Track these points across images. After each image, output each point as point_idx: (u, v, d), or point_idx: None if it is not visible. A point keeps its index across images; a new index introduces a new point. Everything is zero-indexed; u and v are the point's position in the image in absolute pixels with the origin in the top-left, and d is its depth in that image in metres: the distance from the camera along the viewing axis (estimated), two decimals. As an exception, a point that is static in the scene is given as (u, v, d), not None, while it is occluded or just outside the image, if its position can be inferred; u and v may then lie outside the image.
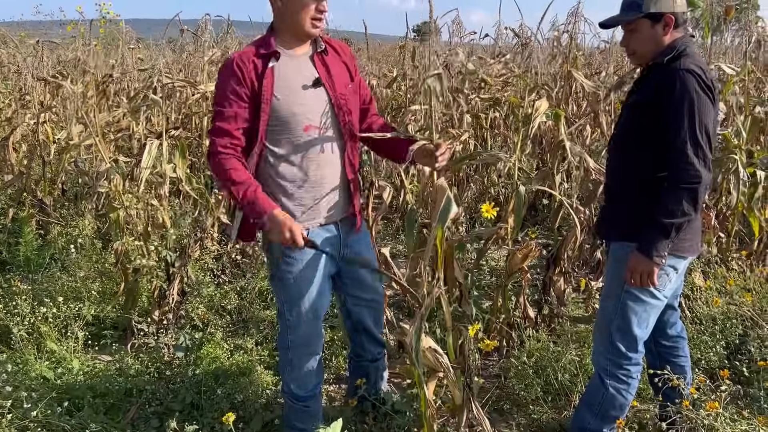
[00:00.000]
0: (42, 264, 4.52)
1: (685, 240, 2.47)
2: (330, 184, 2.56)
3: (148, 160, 3.63)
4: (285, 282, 2.58)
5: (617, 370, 2.59)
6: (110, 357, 3.65)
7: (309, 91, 2.47)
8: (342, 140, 2.56)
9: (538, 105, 3.50)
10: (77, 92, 5.05)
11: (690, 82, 2.31)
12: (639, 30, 2.48)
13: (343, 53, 2.66)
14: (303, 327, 2.63)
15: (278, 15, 2.48)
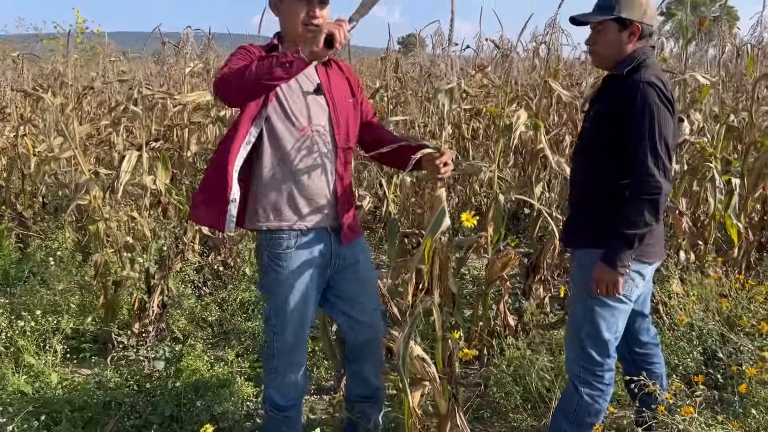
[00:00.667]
0: (21, 277, 4.49)
1: (649, 245, 2.51)
2: (319, 190, 2.55)
3: (127, 167, 3.63)
4: (273, 289, 2.58)
5: (590, 377, 2.60)
6: (89, 370, 3.63)
7: (310, 97, 2.51)
8: (335, 150, 2.57)
9: (517, 116, 3.54)
10: (57, 104, 5.03)
11: (650, 94, 2.36)
12: (606, 31, 2.54)
13: (347, 70, 2.72)
14: (288, 335, 2.61)
15: (280, 25, 2.55)
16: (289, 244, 2.53)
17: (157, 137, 4.46)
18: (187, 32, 4.53)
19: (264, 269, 2.61)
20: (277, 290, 2.57)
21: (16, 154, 5.28)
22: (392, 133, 2.83)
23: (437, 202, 2.50)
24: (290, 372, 2.68)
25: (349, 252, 2.68)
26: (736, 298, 3.60)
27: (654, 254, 2.57)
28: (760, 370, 2.70)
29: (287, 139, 2.46)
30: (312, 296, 2.63)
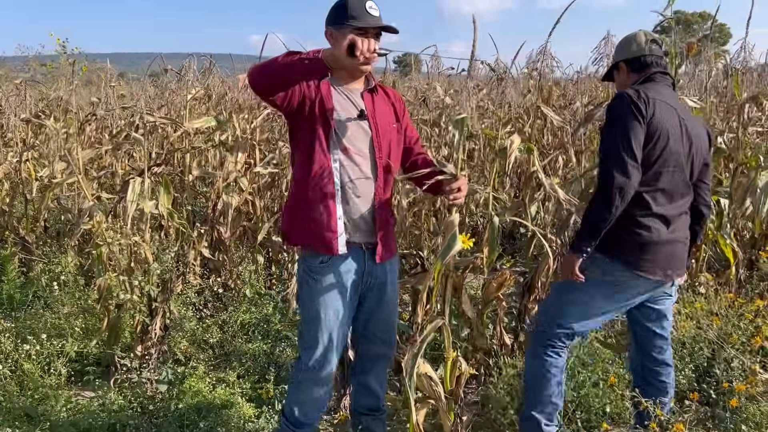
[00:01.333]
0: (25, 301, 4.56)
1: (645, 260, 2.68)
2: (361, 208, 2.66)
3: (132, 196, 3.71)
4: (306, 302, 2.70)
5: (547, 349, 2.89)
6: (93, 393, 3.68)
7: (354, 121, 2.63)
8: (376, 172, 2.67)
9: (511, 140, 3.63)
10: (60, 130, 5.13)
11: (619, 102, 2.64)
12: (614, 78, 2.96)
13: (393, 96, 2.84)
14: (317, 351, 2.69)
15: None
16: (323, 260, 2.64)
17: (159, 162, 4.55)
18: (189, 60, 4.64)
19: (300, 282, 2.74)
20: (309, 304, 2.68)
21: (18, 179, 5.36)
22: (427, 158, 2.92)
23: (449, 227, 2.62)
24: (314, 389, 2.76)
25: (380, 271, 2.79)
26: (726, 315, 3.68)
27: (649, 270, 2.69)
28: (749, 385, 2.77)
29: (329, 162, 2.57)
30: (344, 314, 2.72)
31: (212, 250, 4.84)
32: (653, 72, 2.79)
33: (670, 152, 2.65)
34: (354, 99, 2.66)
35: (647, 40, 2.83)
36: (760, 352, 3.30)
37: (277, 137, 5.34)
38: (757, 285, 4.27)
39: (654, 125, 2.60)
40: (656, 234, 2.67)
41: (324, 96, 2.57)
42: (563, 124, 4.03)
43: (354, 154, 2.61)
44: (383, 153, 2.68)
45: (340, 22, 2.54)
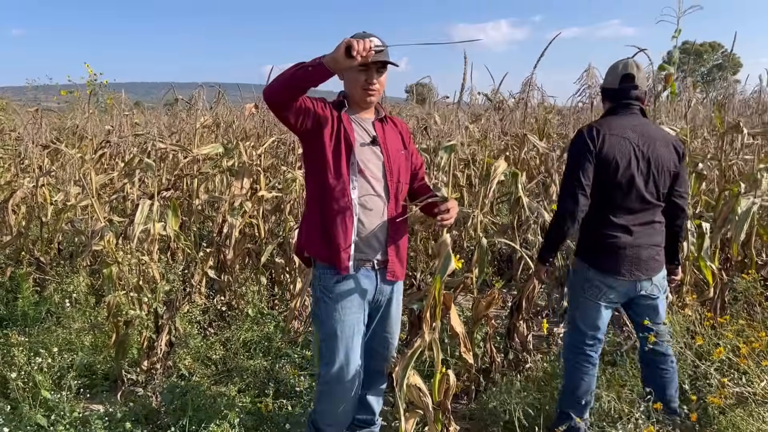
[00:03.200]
0: (38, 318, 4.76)
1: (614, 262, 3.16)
2: (373, 229, 2.83)
3: (140, 218, 3.92)
4: (323, 319, 2.85)
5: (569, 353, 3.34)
6: (101, 405, 3.86)
7: (367, 147, 2.84)
8: (388, 194, 2.87)
9: (496, 166, 3.83)
10: (75, 157, 5.38)
11: (576, 139, 3.13)
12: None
13: (400, 125, 3.08)
14: (335, 366, 2.84)
15: (345, 86, 2.90)
16: (338, 278, 2.81)
17: (168, 186, 4.78)
18: (198, 90, 4.88)
19: (315, 299, 2.91)
20: (326, 321, 2.84)
21: (35, 203, 5.61)
22: (427, 185, 3.18)
23: (443, 247, 2.81)
24: (333, 402, 2.92)
25: (389, 290, 2.97)
26: (708, 335, 3.81)
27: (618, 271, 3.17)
28: (720, 397, 2.91)
29: (348, 183, 2.76)
30: (358, 330, 2.88)
31: (218, 271, 5.04)
32: (621, 102, 3.15)
33: (623, 176, 3.06)
34: (366, 127, 2.88)
35: (621, 73, 3.09)
36: (739, 369, 3.42)
37: (282, 163, 5.56)
38: (743, 307, 4.39)
39: (603, 156, 3.05)
40: (620, 241, 3.13)
41: (345, 123, 2.78)
42: (547, 150, 4.22)
43: (369, 177, 2.81)
44: (394, 176, 2.88)
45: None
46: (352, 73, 2.77)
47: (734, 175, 5.19)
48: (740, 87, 7.29)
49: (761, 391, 2.78)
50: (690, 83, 4.43)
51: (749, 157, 5.08)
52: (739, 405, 2.88)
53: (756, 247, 4.56)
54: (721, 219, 4.11)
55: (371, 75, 2.78)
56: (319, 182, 2.80)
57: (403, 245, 3.01)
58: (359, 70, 2.74)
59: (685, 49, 32.65)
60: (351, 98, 2.87)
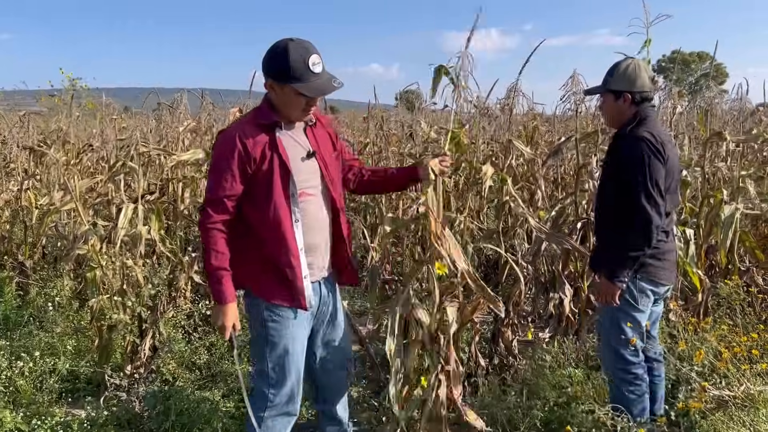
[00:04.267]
0: (20, 322, 4.72)
1: (662, 269, 3.11)
2: (318, 246, 2.75)
3: (124, 222, 3.90)
4: (273, 340, 2.69)
5: (627, 375, 3.15)
6: (83, 410, 3.82)
7: (305, 162, 2.69)
8: (330, 205, 2.80)
9: (485, 171, 3.84)
10: (60, 161, 5.35)
11: (642, 146, 2.94)
12: (606, 101, 3.20)
13: (326, 123, 2.90)
14: (286, 386, 2.75)
15: (273, 99, 2.65)
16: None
17: (152, 190, 4.75)
18: (180, 94, 4.87)
19: (261, 323, 2.70)
20: (277, 341, 2.69)
21: (19, 206, 5.57)
22: (372, 168, 3.15)
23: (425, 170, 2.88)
24: (281, 423, 2.82)
25: (331, 299, 2.91)
26: (691, 340, 3.84)
27: (665, 278, 3.15)
28: (701, 401, 2.93)
29: (292, 209, 2.62)
30: (304, 347, 2.81)
31: (203, 276, 5.01)
32: (650, 106, 3.14)
33: (674, 181, 3.09)
34: (300, 140, 2.70)
35: (650, 77, 3.15)
36: (720, 373, 3.44)
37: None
38: (725, 312, 4.42)
39: (668, 164, 3.00)
40: (667, 246, 3.13)
41: (279, 148, 2.58)
42: (533, 156, 4.25)
43: (310, 197, 2.69)
44: (335, 185, 2.79)
45: (282, 81, 2.53)
46: (290, 96, 2.56)
47: (719, 182, 5.23)
48: (727, 96, 7.38)
49: (741, 394, 2.80)
50: (675, 92, 4.48)
51: (732, 164, 5.14)
52: (719, 409, 2.90)
53: (739, 254, 4.59)
54: (707, 226, 4.14)
55: (314, 99, 2.61)
56: (256, 218, 2.63)
57: (349, 246, 2.94)
58: (300, 94, 2.54)
59: (673, 58, 32.90)
60: (283, 115, 2.65)
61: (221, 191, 2.55)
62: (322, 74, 2.54)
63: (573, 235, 4.13)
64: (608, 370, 3.30)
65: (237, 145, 2.53)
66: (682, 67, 48.71)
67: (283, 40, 2.53)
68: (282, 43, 2.52)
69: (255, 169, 2.57)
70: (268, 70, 2.56)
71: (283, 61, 2.48)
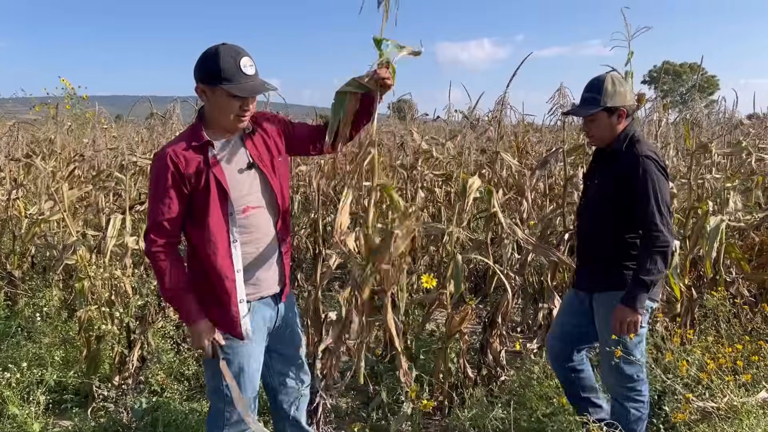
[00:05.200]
0: (8, 333, 4.70)
1: (659, 287, 3.14)
2: (269, 260, 2.65)
3: (113, 232, 3.90)
4: (225, 357, 2.60)
5: (633, 393, 3.11)
6: (70, 421, 3.80)
7: (244, 174, 2.55)
8: (276, 217, 2.67)
9: (471, 183, 3.87)
10: (48, 170, 5.34)
11: (650, 166, 2.91)
12: (598, 120, 3.07)
13: (269, 123, 2.73)
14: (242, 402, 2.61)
15: (206, 108, 2.56)
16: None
17: (142, 200, 4.76)
18: (173, 104, 4.88)
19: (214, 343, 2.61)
20: (232, 359, 2.61)
21: (8, 216, 5.55)
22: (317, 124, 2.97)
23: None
24: None
25: (285, 309, 2.81)
26: (677, 351, 3.87)
27: (658, 294, 3.21)
28: (685, 412, 2.95)
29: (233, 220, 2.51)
30: (260, 363, 2.73)
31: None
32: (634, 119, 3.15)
33: None
34: (237, 151, 2.58)
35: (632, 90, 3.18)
36: (704, 385, 3.47)
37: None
38: (712, 323, 4.46)
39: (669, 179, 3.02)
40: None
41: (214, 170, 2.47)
42: (520, 168, 4.28)
43: (255, 209, 2.58)
44: (279, 194, 2.66)
45: (213, 83, 2.44)
46: (222, 99, 2.45)
47: (706, 193, 5.28)
48: (716, 107, 7.46)
49: (725, 406, 2.83)
50: (661, 104, 4.52)
51: (718, 175, 5.19)
52: (704, 420, 2.92)
53: (725, 265, 4.63)
54: (693, 237, 4.18)
55: (247, 102, 2.50)
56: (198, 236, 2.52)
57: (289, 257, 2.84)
58: (232, 96, 2.44)
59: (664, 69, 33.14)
60: (216, 123, 2.54)
61: (160, 215, 2.45)
62: (254, 77, 2.48)
63: (561, 246, 4.16)
64: (613, 388, 3.21)
65: (169, 166, 2.44)
66: (674, 77, 49.03)
67: (214, 45, 2.48)
68: (212, 48, 2.46)
69: (191, 189, 2.47)
70: (199, 74, 2.48)
71: (213, 64, 2.42)
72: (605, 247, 3.12)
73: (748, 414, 2.80)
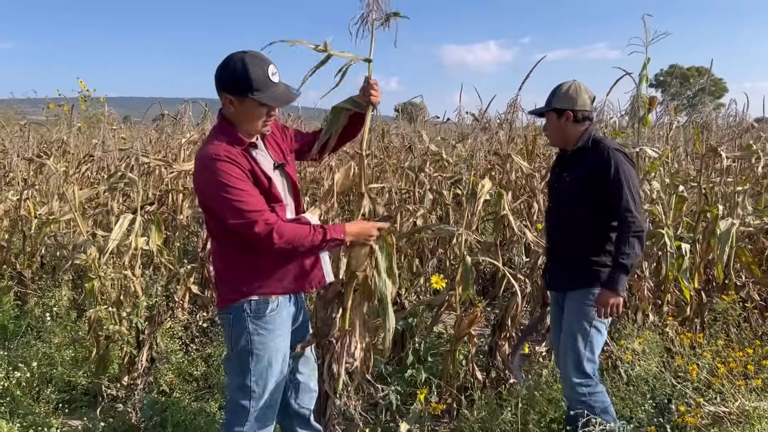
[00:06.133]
0: (18, 332, 4.72)
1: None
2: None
3: (118, 232, 3.92)
4: (255, 352, 2.65)
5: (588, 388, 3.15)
6: (80, 421, 3.82)
7: (276, 174, 2.69)
8: (298, 213, 2.79)
9: (482, 185, 3.87)
10: (59, 170, 5.37)
11: (619, 156, 3.04)
12: (549, 120, 3.24)
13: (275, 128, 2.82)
14: (267, 399, 2.71)
15: (232, 116, 2.60)
16: (272, 308, 2.67)
17: (152, 201, 4.77)
18: (185, 106, 4.90)
19: (245, 334, 2.66)
20: (261, 354, 2.66)
21: (18, 216, 5.58)
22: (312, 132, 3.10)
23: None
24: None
25: (301, 307, 2.88)
26: (687, 355, 3.85)
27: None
28: (696, 416, 2.93)
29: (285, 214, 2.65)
30: (287, 357, 2.78)
31: (201, 286, 5.02)
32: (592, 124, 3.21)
33: None
34: (264, 153, 2.69)
35: (590, 98, 3.20)
36: (715, 389, 3.46)
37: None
38: (722, 327, 4.44)
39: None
40: None
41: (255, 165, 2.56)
42: (531, 170, 4.28)
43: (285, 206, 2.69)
44: (297, 192, 2.80)
45: (242, 94, 2.49)
46: (252, 108, 2.53)
47: (716, 197, 5.26)
48: (724, 111, 7.43)
49: (736, 410, 2.81)
50: (672, 107, 4.52)
51: (729, 179, 5.17)
52: (715, 425, 2.90)
53: (735, 269, 4.61)
54: (705, 241, 4.17)
55: (274, 108, 2.60)
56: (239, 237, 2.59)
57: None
58: (261, 105, 2.52)
59: (672, 72, 33.00)
60: (242, 128, 2.60)
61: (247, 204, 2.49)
62: (280, 84, 2.55)
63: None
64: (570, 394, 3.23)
65: (233, 164, 2.49)
66: (681, 81, 48.99)
67: (237, 54, 2.51)
68: (237, 56, 2.49)
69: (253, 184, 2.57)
70: (227, 85, 2.52)
71: (243, 76, 2.46)
72: (575, 247, 3.19)
73: (760, 419, 2.79)
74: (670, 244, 4.12)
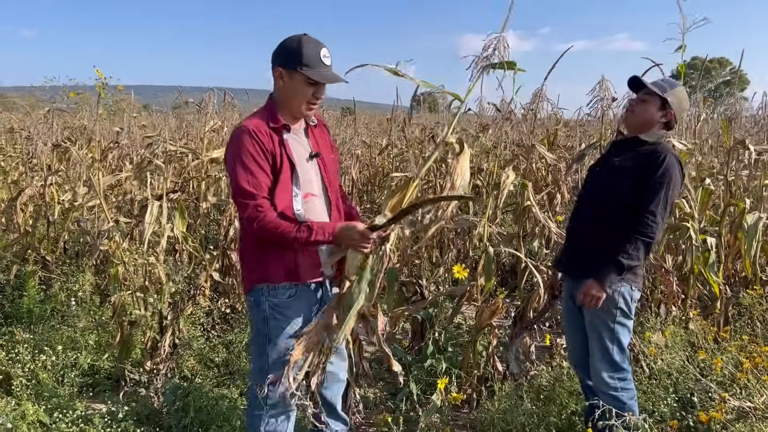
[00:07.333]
0: (43, 316, 4.79)
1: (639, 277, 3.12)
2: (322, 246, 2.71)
3: (150, 219, 3.95)
4: (271, 336, 2.69)
5: (621, 382, 3.11)
6: (103, 405, 3.86)
7: (308, 164, 2.71)
8: (329, 206, 2.79)
9: (506, 176, 3.85)
10: (86, 157, 5.41)
11: (675, 165, 2.96)
12: (648, 103, 3.08)
13: (326, 129, 2.93)
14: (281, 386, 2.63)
15: (279, 92, 2.68)
16: (290, 294, 2.69)
17: (176, 188, 4.80)
18: (209, 94, 4.92)
19: (263, 320, 2.71)
20: (277, 340, 2.68)
21: (42, 202, 5.64)
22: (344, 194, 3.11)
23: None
24: (282, 422, 2.80)
25: (327, 299, 2.83)
26: (711, 349, 3.82)
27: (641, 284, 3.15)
28: (720, 411, 2.91)
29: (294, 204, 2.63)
30: None
31: (222, 274, 5.06)
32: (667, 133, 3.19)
33: None
34: (302, 141, 2.73)
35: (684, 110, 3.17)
36: (740, 384, 3.43)
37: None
38: (747, 322, 4.40)
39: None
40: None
41: (287, 148, 2.62)
42: (556, 161, 4.24)
43: (314, 197, 2.71)
44: (333, 188, 2.81)
45: (292, 67, 2.57)
46: (299, 84, 2.60)
47: (740, 190, 5.20)
48: (747, 104, 7.33)
49: (762, 405, 2.78)
50: (700, 98, 4.45)
51: (758, 173, 5.10)
52: (739, 420, 2.88)
53: (760, 263, 4.56)
54: (732, 235, 4.12)
55: (320, 90, 2.64)
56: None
57: None
58: (308, 83, 2.59)
59: (694, 64, 32.73)
60: (287, 108, 2.68)
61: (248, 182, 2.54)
62: (330, 68, 2.63)
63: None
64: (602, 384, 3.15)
65: (254, 139, 2.55)
66: (702, 73, 48.27)
67: (297, 35, 2.62)
68: (296, 36, 2.61)
69: (271, 165, 2.59)
70: (280, 58, 2.62)
71: (296, 50, 2.56)
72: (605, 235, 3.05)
73: (787, 414, 2.76)
74: (696, 237, 4.08)
